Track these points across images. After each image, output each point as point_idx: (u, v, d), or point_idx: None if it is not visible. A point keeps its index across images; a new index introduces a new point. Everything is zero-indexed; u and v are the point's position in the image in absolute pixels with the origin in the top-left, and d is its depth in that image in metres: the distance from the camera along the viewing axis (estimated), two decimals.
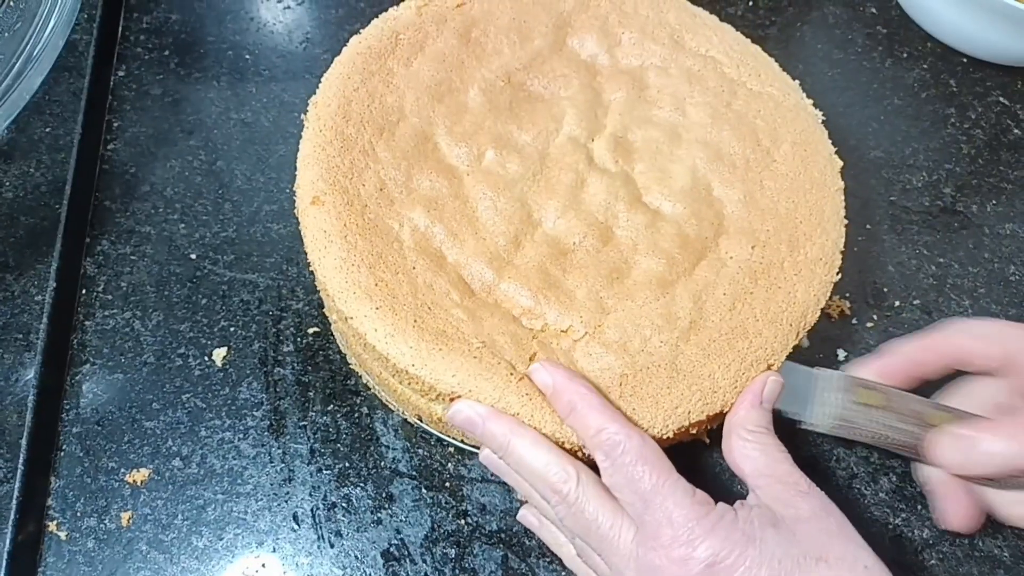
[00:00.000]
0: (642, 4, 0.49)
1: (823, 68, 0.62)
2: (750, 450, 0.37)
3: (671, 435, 0.37)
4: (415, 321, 0.38)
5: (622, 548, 0.35)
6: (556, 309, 0.39)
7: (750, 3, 0.64)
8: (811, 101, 0.47)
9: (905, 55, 0.63)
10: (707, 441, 0.46)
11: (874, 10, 0.65)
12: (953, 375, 0.44)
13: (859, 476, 0.47)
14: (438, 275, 0.39)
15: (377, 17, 0.46)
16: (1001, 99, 0.62)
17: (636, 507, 0.35)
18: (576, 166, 0.43)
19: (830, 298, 0.42)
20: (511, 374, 0.37)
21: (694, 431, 0.39)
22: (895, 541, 0.45)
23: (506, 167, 0.43)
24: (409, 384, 0.39)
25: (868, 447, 0.47)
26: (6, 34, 0.42)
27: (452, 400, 0.38)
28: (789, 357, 0.40)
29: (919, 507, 0.46)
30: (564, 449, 0.37)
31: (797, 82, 0.48)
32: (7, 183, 0.50)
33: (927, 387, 0.44)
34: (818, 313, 0.41)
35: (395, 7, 0.47)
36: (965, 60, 0.63)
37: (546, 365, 0.37)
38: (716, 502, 0.36)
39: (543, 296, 0.39)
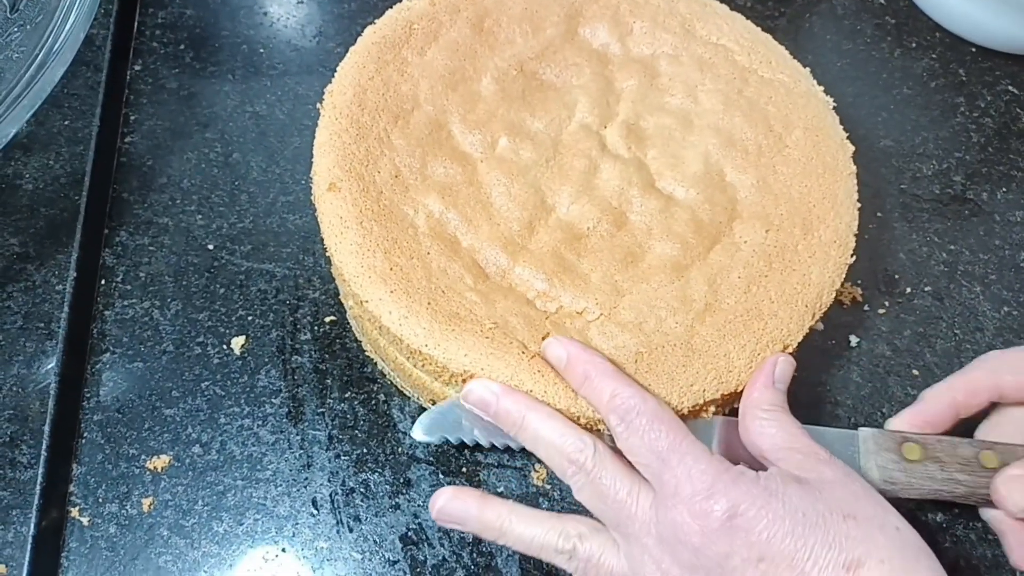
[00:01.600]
0: None
1: (832, 58, 0.62)
2: (767, 427, 0.37)
3: (686, 412, 0.38)
4: (429, 303, 0.38)
5: (640, 515, 0.35)
6: (571, 292, 0.39)
7: None
8: (821, 88, 0.48)
9: (914, 45, 0.63)
10: None
11: (882, 0, 0.65)
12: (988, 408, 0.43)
13: None
14: (452, 260, 0.40)
15: (391, 8, 0.47)
16: (1010, 88, 0.62)
17: (653, 467, 0.35)
18: (589, 152, 0.43)
19: (842, 285, 0.42)
20: (523, 353, 0.38)
21: (710, 410, 0.39)
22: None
23: (519, 154, 0.43)
24: (423, 366, 0.40)
25: None
26: (28, 27, 0.43)
27: (465, 381, 0.38)
28: (804, 339, 0.40)
29: None
30: (580, 425, 0.37)
31: (807, 70, 0.48)
32: (27, 175, 0.50)
33: (964, 424, 0.42)
34: (833, 294, 0.41)
35: None
36: (974, 49, 0.63)
37: (559, 338, 0.37)
38: None
39: (558, 280, 0.40)
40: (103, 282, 0.48)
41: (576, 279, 0.40)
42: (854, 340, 0.50)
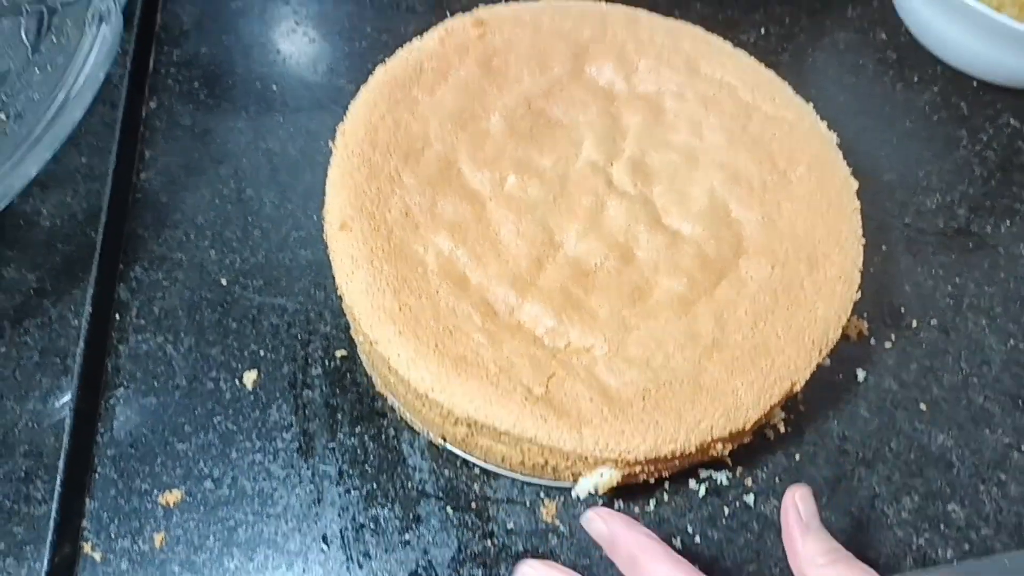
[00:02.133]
0: (657, 32, 0.50)
1: (835, 93, 0.63)
2: None
3: (693, 450, 0.38)
4: (436, 346, 0.39)
5: None
6: (579, 328, 0.40)
7: (762, 30, 0.66)
8: (824, 123, 0.48)
9: (916, 79, 0.64)
10: (729, 462, 0.46)
11: (884, 36, 0.66)
12: None
13: (881, 496, 0.47)
14: (461, 299, 0.40)
15: (401, 47, 0.48)
16: (1012, 121, 0.62)
17: None
18: (596, 189, 0.44)
19: (848, 319, 0.42)
20: (526, 399, 0.38)
21: (718, 447, 0.39)
22: (919, 561, 0.45)
23: (527, 191, 0.44)
24: (430, 407, 0.40)
25: (889, 465, 0.47)
26: (48, 68, 0.44)
27: (470, 426, 0.38)
28: (811, 375, 0.40)
29: (942, 526, 0.46)
30: (589, 464, 0.38)
31: (811, 105, 0.49)
32: (45, 212, 0.51)
33: None
34: (839, 331, 0.41)
35: (418, 37, 0.48)
36: (975, 83, 0.64)
37: (601, 513, 0.36)
38: None
39: (566, 316, 0.40)
40: (118, 317, 0.49)
41: (584, 315, 0.40)
42: (861, 374, 0.50)
